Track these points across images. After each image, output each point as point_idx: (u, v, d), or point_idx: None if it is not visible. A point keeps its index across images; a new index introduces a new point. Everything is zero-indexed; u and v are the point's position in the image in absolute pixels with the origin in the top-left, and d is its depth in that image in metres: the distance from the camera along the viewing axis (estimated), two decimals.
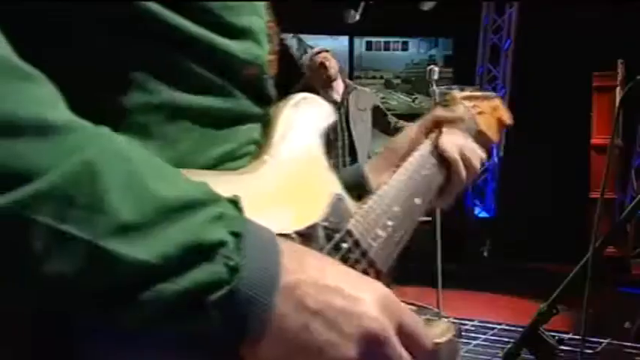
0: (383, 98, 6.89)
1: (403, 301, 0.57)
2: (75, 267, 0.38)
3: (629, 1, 5.34)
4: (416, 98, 4.65)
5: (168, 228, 0.40)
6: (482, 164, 0.87)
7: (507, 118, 1.03)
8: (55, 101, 0.40)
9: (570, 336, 2.97)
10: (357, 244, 0.64)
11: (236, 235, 0.43)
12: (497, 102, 1.03)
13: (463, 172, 0.83)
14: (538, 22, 6.03)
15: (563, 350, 1.23)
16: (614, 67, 5.18)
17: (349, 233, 0.63)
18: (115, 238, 0.38)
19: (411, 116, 0.91)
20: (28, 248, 0.37)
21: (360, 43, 7.02)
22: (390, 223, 0.70)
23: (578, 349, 1.41)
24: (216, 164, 0.55)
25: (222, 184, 0.50)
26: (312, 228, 0.60)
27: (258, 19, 0.60)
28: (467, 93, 0.97)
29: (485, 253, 6.34)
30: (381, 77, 7.14)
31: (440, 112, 0.89)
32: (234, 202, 0.45)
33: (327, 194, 0.65)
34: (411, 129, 0.87)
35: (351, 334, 0.45)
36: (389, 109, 4.27)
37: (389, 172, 0.77)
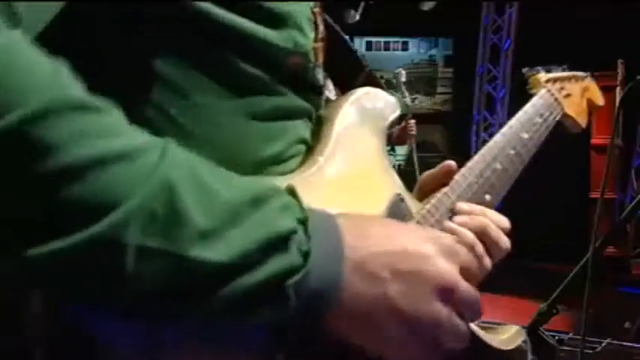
0: None
1: None
2: (164, 277, 0.41)
3: (629, 1, 5.34)
4: (415, 98, 4.65)
5: (243, 227, 0.43)
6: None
7: (599, 98, 0.96)
8: (122, 128, 0.43)
9: (570, 336, 2.97)
10: None
11: (302, 222, 0.46)
12: (587, 82, 0.95)
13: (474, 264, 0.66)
14: (538, 22, 6.03)
15: (563, 350, 1.23)
16: (614, 67, 5.17)
17: None
18: (196, 246, 0.41)
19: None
20: (123, 267, 0.39)
21: (360, 43, 7.02)
22: (447, 224, 0.67)
23: (578, 349, 1.41)
24: (262, 167, 0.55)
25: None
26: None
27: (300, 4, 0.58)
28: (552, 75, 0.90)
29: None
30: (381, 77, 7.14)
31: (428, 173, 0.74)
32: (291, 191, 0.48)
33: (386, 195, 0.63)
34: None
35: (426, 292, 0.48)
36: None
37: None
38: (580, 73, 0.96)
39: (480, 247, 0.69)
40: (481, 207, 0.73)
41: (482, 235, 0.69)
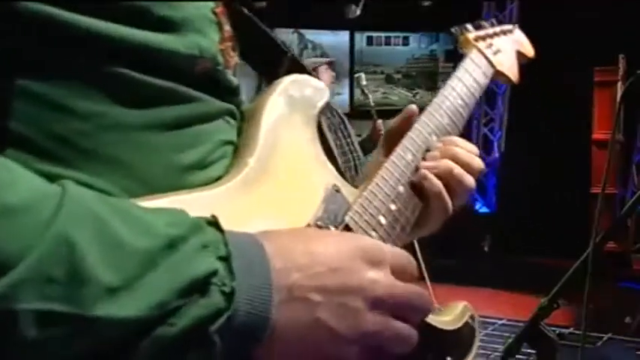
0: (384, 93, 6.89)
1: None
2: (70, 342, 0.38)
3: None
4: (417, 93, 4.64)
5: (155, 276, 0.40)
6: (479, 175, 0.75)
7: (529, 50, 0.94)
8: (9, 179, 0.39)
9: (571, 331, 2.98)
10: None
11: (224, 258, 0.43)
12: (516, 35, 0.93)
13: (448, 203, 0.71)
14: (539, 17, 6.01)
15: (563, 345, 1.23)
16: (615, 62, 5.16)
17: (347, 228, 0.61)
18: (103, 304, 0.38)
19: None
20: (21, 335, 0.37)
21: (360, 38, 7.00)
22: (393, 207, 0.66)
23: (578, 344, 1.41)
24: (182, 176, 0.52)
25: (197, 204, 0.48)
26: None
27: (199, 7, 0.54)
28: (481, 32, 0.88)
29: (486, 248, 6.34)
30: (382, 72, 7.12)
31: (389, 125, 0.78)
32: (214, 224, 0.45)
33: (320, 188, 0.61)
34: (377, 152, 0.78)
35: (358, 307, 0.47)
36: (390, 104, 4.29)
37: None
38: (507, 26, 0.94)
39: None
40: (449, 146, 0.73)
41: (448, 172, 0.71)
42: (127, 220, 0.41)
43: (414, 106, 0.75)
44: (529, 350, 1.26)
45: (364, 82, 3.89)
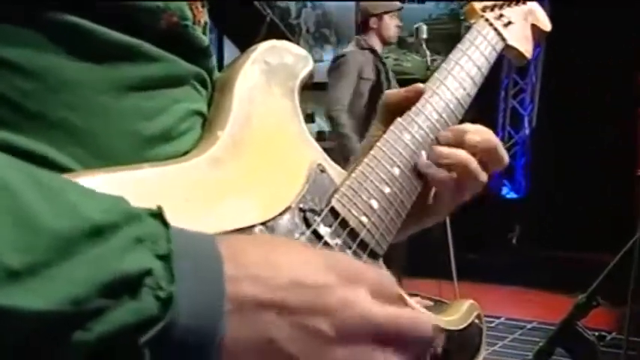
0: (396, 60, 6.85)
1: (411, 294, 0.57)
2: None
3: None
4: (434, 60, 4.61)
5: (71, 266, 0.38)
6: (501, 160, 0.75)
7: (545, 23, 0.93)
8: None
9: (613, 335, 2.99)
10: (344, 224, 0.62)
11: (163, 257, 0.41)
12: (530, 5, 0.91)
13: (455, 198, 0.74)
14: None
15: (603, 350, 1.23)
16: None
17: (333, 212, 0.61)
18: (4, 291, 0.36)
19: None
20: None
21: None
22: (387, 190, 0.67)
23: (620, 350, 1.43)
24: (147, 148, 0.53)
25: (158, 179, 0.48)
26: (285, 214, 0.57)
27: None
28: (489, 2, 0.87)
29: (514, 241, 6.35)
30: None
31: (391, 94, 0.77)
32: (157, 215, 0.43)
33: (303, 168, 0.62)
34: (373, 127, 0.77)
35: (325, 333, 0.44)
36: (403, 72, 4.27)
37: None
38: None
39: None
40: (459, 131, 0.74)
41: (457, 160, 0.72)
42: (46, 196, 0.39)
43: (422, 86, 0.75)
44: (563, 357, 1.27)
45: (424, 36, 3.77)
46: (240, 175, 0.57)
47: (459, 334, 0.72)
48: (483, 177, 0.73)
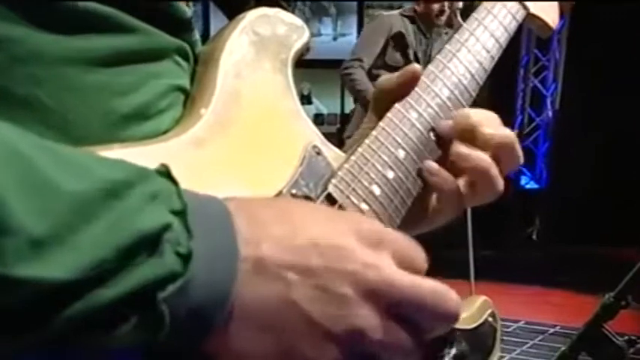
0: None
1: None
2: None
3: None
4: (446, 32, 4.57)
5: (93, 229, 0.40)
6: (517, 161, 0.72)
7: None
8: None
9: None
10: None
11: (179, 213, 0.43)
12: None
13: (464, 203, 0.72)
14: None
15: (632, 357, 1.23)
16: None
17: (330, 199, 0.62)
18: (25, 261, 0.38)
19: None
20: None
21: None
22: (391, 174, 0.67)
23: None
24: (125, 125, 0.54)
25: (135, 160, 0.47)
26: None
27: None
28: None
29: (534, 236, 6.37)
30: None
31: (383, 81, 0.75)
32: (165, 173, 0.45)
33: (297, 150, 0.62)
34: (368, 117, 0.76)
35: (344, 295, 0.46)
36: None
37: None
38: None
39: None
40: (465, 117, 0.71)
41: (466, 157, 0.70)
42: (57, 160, 0.41)
43: (416, 67, 0.73)
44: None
45: (460, 5, 3.76)
46: (226, 157, 0.57)
47: (470, 333, 0.73)
48: (500, 186, 0.71)
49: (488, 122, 0.71)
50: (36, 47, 0.49)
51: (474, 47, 0.78)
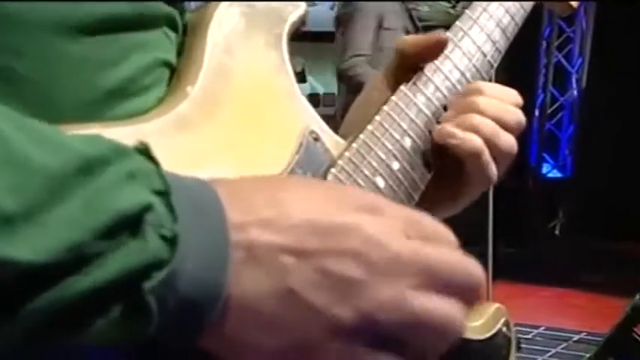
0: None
1: None
2: None
3: None
4: (455, 6, 4.57)
5: (68, 207, 0.41)
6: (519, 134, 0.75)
7: None
8: None
9: None
10: None
11: (161, 193, 0.44)
12: None
13: (492, 169, 0.73)
14: None
15: None
16: None
17: None
18: None
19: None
20: None
21: None
22: (396, 165, 0.68)
23: None
24: (105, 103, 0.54)
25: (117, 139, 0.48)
26: None
27: None
28: None
29: (557, 231, 6.38)
30: None
31: (408, 42, 0.76)
32: (143, 151, 0.46)
33: (294, 133, 0.63)
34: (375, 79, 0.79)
35: (357, 277, 0.46)
36: (420, 19, 4.25)
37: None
38: None
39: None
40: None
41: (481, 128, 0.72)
42: (31, 135, 0.42)
43: (443, 35, 0.75)
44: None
45: None
46: (214, 140, 0.58)
47: (482, 344, 0.74)
48: (493, 173, 0.73)
49: (503, 97, 0.74)
50: (11, 14, 0.50)
51: (486, 25, 0.79)
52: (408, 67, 0.75)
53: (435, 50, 0.74)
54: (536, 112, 6.51)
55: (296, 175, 0.61)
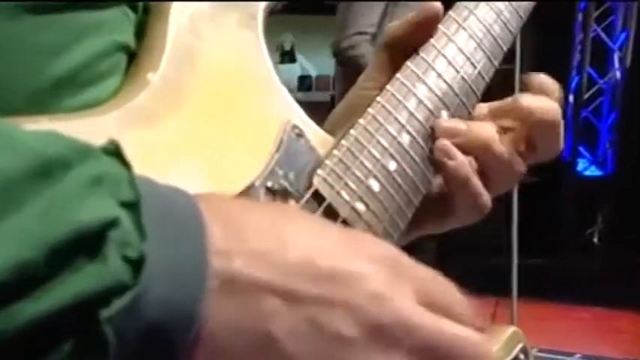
0: None
1: None
2: None
3: None
4: None
5: (16, 219, 0.41)
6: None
7: None
8: None
9: None
10: (330, 213, 0.64)
11: (129, 205, 0.44)
12: None
13: (484, 198, 0.74)
14: None
15: None
16: None
17: (316, 195, 0.64)
18: None
19: None
20: None
21: None
22: (392, 165, 0.68)
23: None
24: (55, 92, 0.55)
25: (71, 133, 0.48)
26: (245, 194, 0.59)
27: None
28: None
29: (595, 239, 6.40)
30: None
31: (392, 27, 0.78)
32: (113, 152, 0.46)
33: (273, 128, 0.64)
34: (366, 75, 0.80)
35: (348, 334, 0.47)
36: None
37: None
38: None
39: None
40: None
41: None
42: None
43: (437, 4, 0.75)
44: None
45: None
46: (179, 136, 0.58)
47: None
48: (519, 165, 0.74)
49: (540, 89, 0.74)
50: None
51: (495, 4, 0.79)
52: (406, 56, 0.74)
53: (428, 25, 0.74)
54: (571, 98, 6.53)
55: (302, 210, 0.61)
